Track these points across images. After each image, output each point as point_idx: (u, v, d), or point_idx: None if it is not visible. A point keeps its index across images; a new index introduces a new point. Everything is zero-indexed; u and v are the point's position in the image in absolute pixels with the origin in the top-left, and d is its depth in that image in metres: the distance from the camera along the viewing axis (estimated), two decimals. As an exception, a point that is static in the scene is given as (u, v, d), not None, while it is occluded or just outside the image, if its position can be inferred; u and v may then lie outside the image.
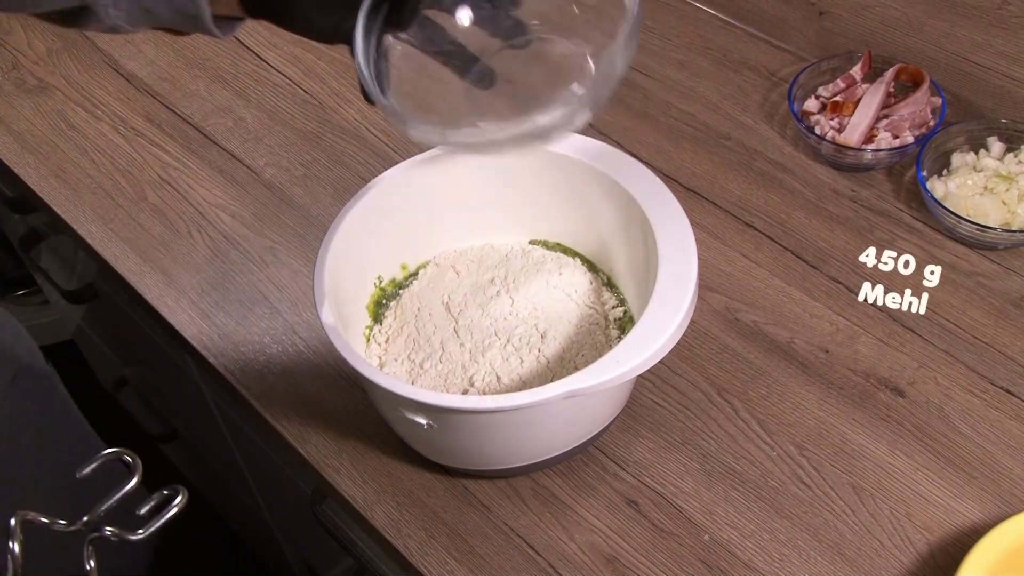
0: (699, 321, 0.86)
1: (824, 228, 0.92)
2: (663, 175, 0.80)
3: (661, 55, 1.10)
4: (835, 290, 0.88)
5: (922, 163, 0.90)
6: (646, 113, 1.04)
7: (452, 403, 0.68)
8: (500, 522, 0.77)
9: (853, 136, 0.94)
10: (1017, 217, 0.87)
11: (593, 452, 0.80)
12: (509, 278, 0.82)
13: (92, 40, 1.20)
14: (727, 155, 1.00)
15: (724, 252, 0.92)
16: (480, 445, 0.74)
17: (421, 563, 0.76)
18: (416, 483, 0.80)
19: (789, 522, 0.75)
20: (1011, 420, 0.79)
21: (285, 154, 1.05)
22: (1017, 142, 0.92)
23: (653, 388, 0.83)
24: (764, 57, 1.08)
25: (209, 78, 1.14)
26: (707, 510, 0.76)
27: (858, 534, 0.74)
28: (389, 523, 0.78)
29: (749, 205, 0.95)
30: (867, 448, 0.78)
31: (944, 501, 0.75)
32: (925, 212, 0.92)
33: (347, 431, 0.83)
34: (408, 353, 0.79)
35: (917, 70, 0.98)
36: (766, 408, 0.81)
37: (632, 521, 0.76)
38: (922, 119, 0.95)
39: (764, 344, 0.85)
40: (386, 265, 0.83)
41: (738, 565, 0.73)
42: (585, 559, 0.75)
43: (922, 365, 0.82)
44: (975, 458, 0.77)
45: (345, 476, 0.80)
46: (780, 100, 1.03)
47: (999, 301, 0.86)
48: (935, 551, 0.73)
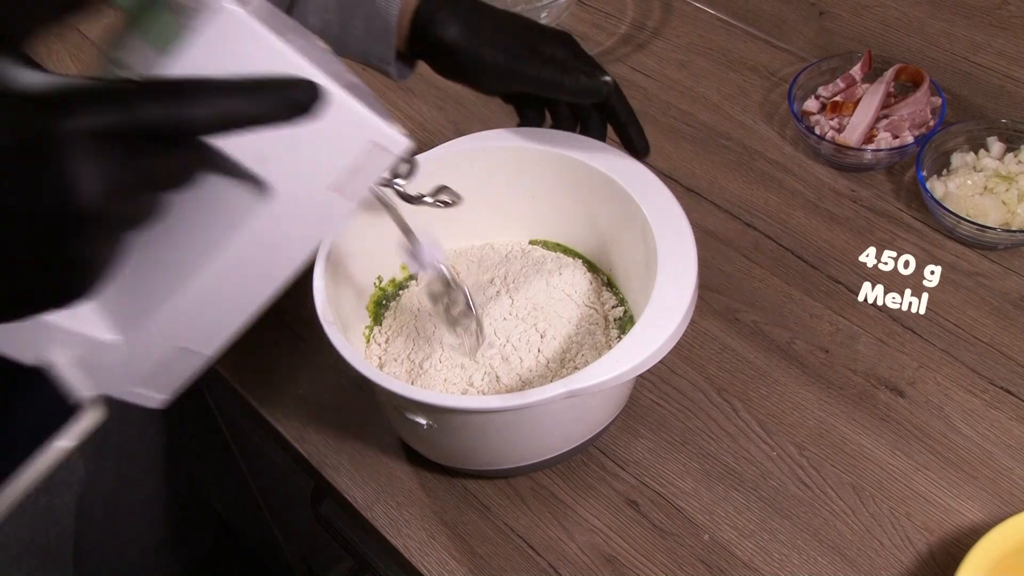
0: (699, 321, 0.86)
1: (824, 228, 0.92)
2: (663, 175, 0.80)
3: (661, 55, 1.10)
4: (835, 290, 0.88)
5: (922, 163, 0.90)
6: (646, 113, 1.04)
7: (452, 403, 0.68)
8: (500, 522, 0.77)
9: (853, 136, 0.94)
10: (1017, 217, 0.87)
11: (593, 452, 0.80)
12: (509, 278, 0.82)
13: (92, 40, 1.20)
14: (727, 155, 1.00)
15: (724, 252, 0.92)
16: (480, 445, 0.74)
17: (421, 563, 0.76)
18: (416, 483, 0.80)
19: (789, 522, 0.75)
20: (1011, 420, 0.79)
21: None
22: (1017, 142, 0.92)
23: (653, 388, 0.83)
24: (764, 57, 1.08)
25: (209, 78, 1.14)
26: (707, 510, 0.76)
27: (858, 534, 0.74)
28: (389, 523, 0.78)
29: (749, 205, 0.95)
30: (867, 448, 0.78)
31: (944, 501, 0.75)
32: (925, 212, 0.92)
33: (347, 431, 0.83)
34: (408, 353, 0.79)
35: (917, 70, 0.98)
36: (766, 408, 0.81)
37: (632, 521, 0.76)
38: (922, 119, 0.95)
39: (764, 344, 0.85)
40: (386, 265, 0.83)
41: (738, 565, 0.73)
42: (585, 559, 0.75)
43: (922, 365, 0.82)
44: (975, 458, 0.77)
45: (345, 476, 0.80)
46: (780, 100, 1.03)
47: (999, 301, 0.86)
48: (935, 551, 0.73)
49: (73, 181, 0.37)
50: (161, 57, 0.42)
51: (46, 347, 0.47)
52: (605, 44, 1.13)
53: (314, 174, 0.48)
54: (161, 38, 0.42)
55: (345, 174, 0.49)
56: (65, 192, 0.37)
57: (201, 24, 0.42)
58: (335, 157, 0.48)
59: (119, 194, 0.39)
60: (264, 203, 0.47)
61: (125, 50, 0.43)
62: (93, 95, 0.38)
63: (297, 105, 0.42)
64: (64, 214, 0.38)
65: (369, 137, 0.49)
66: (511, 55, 0.74)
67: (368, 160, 0.49)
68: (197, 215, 0.47)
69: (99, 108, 0.38)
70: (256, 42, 0.44)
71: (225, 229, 0.48)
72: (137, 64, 0.42)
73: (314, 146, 0.47)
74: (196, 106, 0.40)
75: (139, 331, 0.49)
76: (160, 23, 0.42)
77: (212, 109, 0.40)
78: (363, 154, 0.49)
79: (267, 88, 0.42)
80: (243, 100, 0.41)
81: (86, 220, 0.38)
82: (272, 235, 0.49)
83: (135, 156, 0.39)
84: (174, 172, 0.41)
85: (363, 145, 0.49)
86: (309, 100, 0.42)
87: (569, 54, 0.76)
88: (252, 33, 0.43)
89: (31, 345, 0.47)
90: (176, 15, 0.42)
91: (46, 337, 0.47)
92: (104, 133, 0.38)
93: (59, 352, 0.47)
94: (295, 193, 0.48)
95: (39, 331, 0.46)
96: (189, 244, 0.48)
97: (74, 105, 0.38)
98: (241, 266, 0.50)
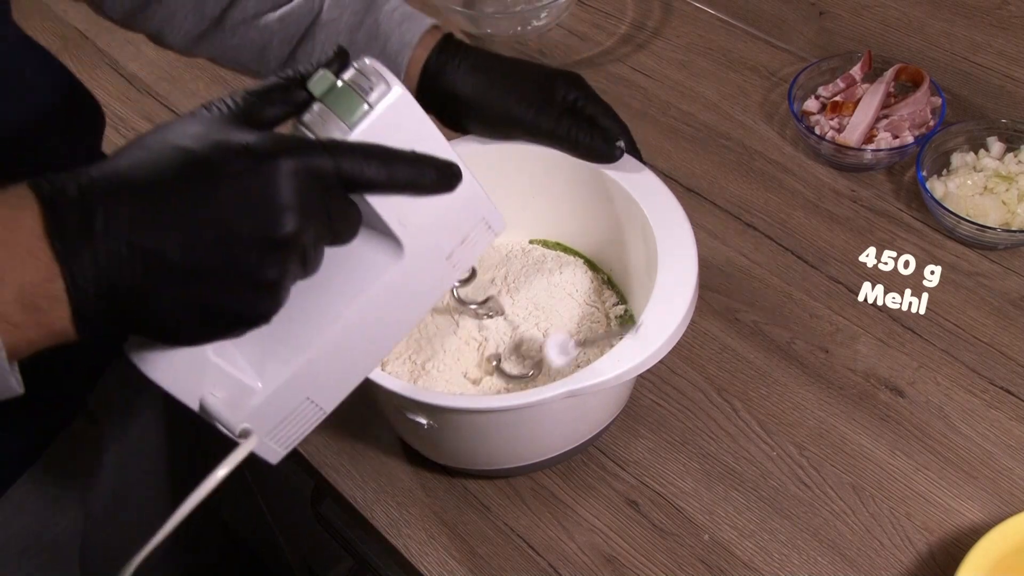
0: (699, 321, 0.86)
1: (824, 228, 0.92)
2: (663, 175, 0.80)
3: (661, 55, 1.10)
4: (835, 290, 0.88)
5: (922, 163, 0.90)
6: (646, 113, 1.04)
7: (452, 403, 0.68)
8: (500, 522, 0.77)
9: (853, 136, 0.94)
10: (1017, 217, 0.87)
11: (593, 452, 0.80)
12: (509, 278, 0.82)
13: (93, 40, 1.21)
14: (727, 155, 1.00)
15: (724, 252, 0.92)
16: (480, 445, 0.74)
17: (421, 563, 0.76)
18: (416, 483, 0.80)
19: (789, 522, 0.75)
20: (1011, 420, 0.79)
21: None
22: (1017, 142, 0.92)
23: (653, 388, 0.83)
24: (764, 57, 1.08)
25: (210, 79, 1.14)
26: (707, 510, 0.76)
27: (858, 534, 0.74)
28: (389, 523, 0.78)
29: (749, 205, 0.95)
30: (867, 448, 0.78)
31: (944, 501, 0.75)
32: (925, 212, 0.92)
33: (347, 431, 0.83)
34: (409, 353, 0.79)
35: (917, 70, 0.98)
36: (766, 408, 0.81)
37: (632, 521, 0.76)
38: (922, 119, 0.95)
39: (764, 344, 0.85)
40: (386, 265, 0.83)
41: (738, 565, 0.73)
42: (585, 559, 0.75)
43: (922, 365, 0.82)
44: (975, 458, 0.77)
45: (345, 476, 0.80)
46: (780, 100, 1.03)
47: (999, 301, 0.86)
48: (935, 551, 0.73)
49: (282, 206, 0.45)
50: (347, 128, 0.49)
51: (206, 387, 0.52)
52: (605, 44, 1.13)
53: (438, 240, 0.55)
54: (347, 111, 0.49)
55: (460, 244, 0.56)
56: (276, 214, 0.45)
57: (377, 100, 0.50)
58: (455, 228, 0.55)
59: (311, 227, 0.46)
60: (396, 263, 0.53)
61: (315, 119, 0.50)
62: (302, 145, 0.46)
63: (444, 181, 0.50)
64: (272, 235, 0.45)
65: (482, 214, 0.56)
66: (523, 109, 0.74)
67: (477, 235, 0.56)
68: (337, 272, 0.52)
69: (306, 154, 0.46)
70: (415, 121, 0.52)
71: (361, 285, 0.54)
72: (326, 131, 0.50)
73: (442, 217, 0.54)
74: (376, 166, 0.48)
75: (278, 379, 0.53)
76: (347, 100, 0.50)
77: (387, 171, 0.48)
78: (475, 229, 0.56)
79: (426, 163, 0.50)
80: (408, 169, 0.49)
81: (287, 242, 0.45)
82: (398, 295, 0.55)
83: (326, 198, 0.47)
84: (349, 218, 0.49)
85: (477, 221, 0.56)
86: (454, 178, 0.51)
87: (580, 95, 0.75)
88: (413, 113, 0.51)
89: (195, 385, 0.51)
90: (357, 91, 0.50)
91: (207, 378, 0.51)
92: (308, 174, 0.46)
93: (215, 392, 0.52)
94: (421, 255, 0.54)
95: (203, 372, 0.51)
96: (327, 299, 0.53)
97: (289, 150, 0.46)
98: (370, 322, 0.55)
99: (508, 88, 0.74)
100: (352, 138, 0.49)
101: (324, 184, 0.46)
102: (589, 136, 0.75)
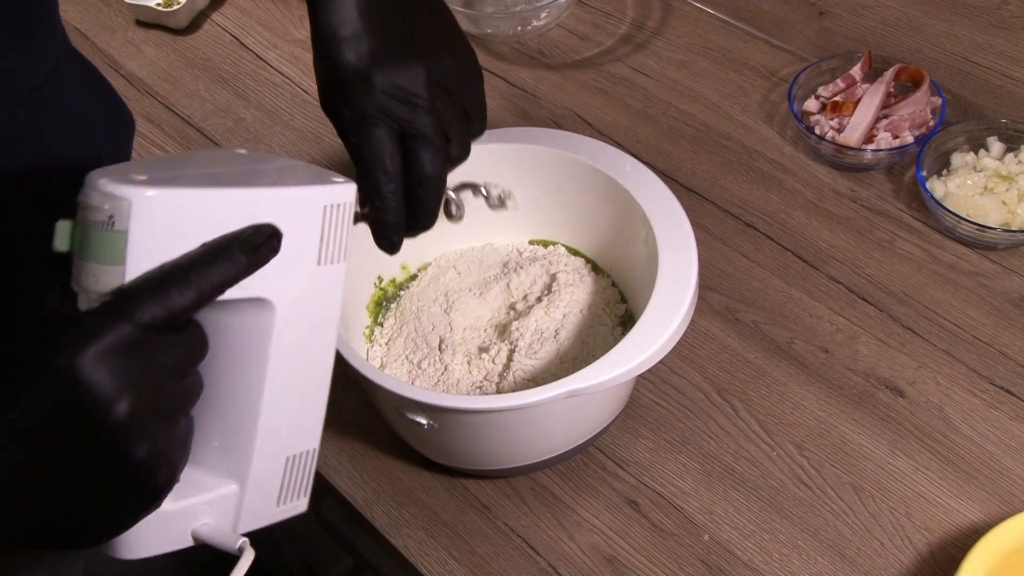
0: (699, 321, 0.86)
1: (824, 228, 0.92)
2: (663, 175, 0.80)
3: (661, 55, 1.10)
4: (835, 290, 0.88)
5: (922, 163, 0.90)
6: (646, 113, 1.04)
7: (452, 403, 0.68)
8: (500, 522, 0.77)
9: (853, 136, 0.94)
10: (1017, 217, 0.87)
11: (593, 452, 0.80)
12: (509, 277, 0.82)
13: (92, 40, 1.20)
14: (727, 155, 1.00)
15: (724, 252, 0.92)
16: (480, 445, 0.74)
17: (421, 563, 0.76)
18: (416, 483, 0.80)
19: (789, 522, 0.75)
20: (1011, 420, 0.79)
21: (285, 154, 1.05)
22: (1017, 142, 0.92)
23: (653, 388, 0.83)
24: (764, 57, 1.08)
25: (209, 78, 1.14)
26: (707, 510, 0.76)
27: (858, 534, 0.74)
28: (389, 523, 0.78)
29: (749, 205, 0.95)
30: (867, 448, 0.78)
31: (944, 501, 0.75)
32: (925, 212, 0.92)
33: (347, 431, 0.83)
34: (408, 354, 0.79)
35: (917, 70, 0.98)
36: (766, 408, 0.81)
37: (632, 521, 0.76)
38: (922, 119, 0.95)
39: (764, 344, 0.85)
40: (386, 266, 0.83)
41: (738, 565, 0.73)
42: (585, 559, 0.75)
43: (922, 365, 0.82)
44: (975, 458, 0.77)
45: (345, 476, 0.80)
46: (780, 100, 1.03)
47: (999, 301, 0.86)
48: (935, 551, 0.73)
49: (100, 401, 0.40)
50: (119, 267, 0.43)
51: (188, 525, 0.51)
52: (605, 44, 1.13)
53: (298, 266, 0.50)
54: (105, 251, 0.43)
55: (321, 246, 0.51)
56: (101, 412, 0.40)
57: (128, 223, 0.43)
58: (305, 240, 0.50)
59: (147, 393, 0.42)
60: (274, 313, 0.50)
61: (86, 276, 0.44)
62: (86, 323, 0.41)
63: (262, 247, 0.46)
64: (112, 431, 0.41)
65: (319, 205, 0.51)
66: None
67: (331, 223, 0.52)
68: (230, 355, 0.50)
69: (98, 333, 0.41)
70: (184, 203, 0.45)
71: (260, 351, 0.50)
72: (102, 284, 0.43)
73: (284, 246, 0.48)
74: (183, 292, 0.43)
75: (248, 465, 0.52)
76: (97, 241, 0.43)
77: (196, 288, 0.43)
78: (324, 221, 0.51)
79: (229, 248, 0.45)
80: (214, 268, 0.44)
81: (130, 427, 0.41)
82: (297, 330, 0.51)
83: (145, 357, 0.42)
84: (190, 347, 0.44)
85: (319, 215, 0.51)
86: (272, 238, 0.46)
87: None
88: (173, 200, 0.44)
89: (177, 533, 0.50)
90: (105, 227, 0.43)
91: (185, 519, 0.50)
92: (108, 350, 0.41)
93: (202, 522, 0.51)
94: (293, 288, 0.50)
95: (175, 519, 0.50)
96: (241, 380, 0.51)
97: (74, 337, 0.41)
98: (292, 367, 0.52)
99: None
100: (130, 277, 0.43)
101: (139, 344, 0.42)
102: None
